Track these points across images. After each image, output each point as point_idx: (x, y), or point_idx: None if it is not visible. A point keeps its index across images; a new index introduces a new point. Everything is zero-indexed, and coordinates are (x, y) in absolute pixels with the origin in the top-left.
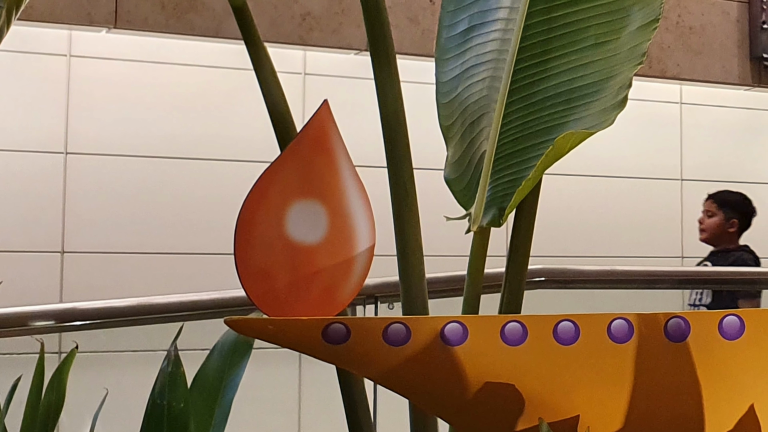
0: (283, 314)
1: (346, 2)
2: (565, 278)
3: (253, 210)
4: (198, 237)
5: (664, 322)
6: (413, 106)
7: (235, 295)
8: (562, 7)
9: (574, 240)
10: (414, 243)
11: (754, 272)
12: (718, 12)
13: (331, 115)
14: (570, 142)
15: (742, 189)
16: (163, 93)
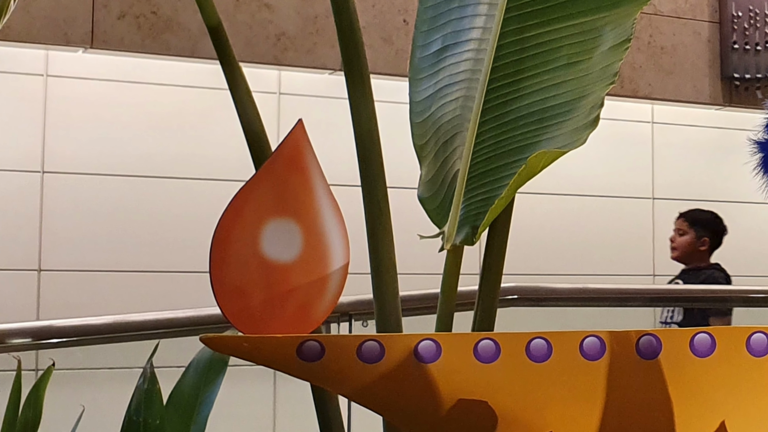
0: (258, 332)
1: (321, 23)
2: (538, 296)
3: (229, 228)
4: (173, 255)
5: (635, 339)
6: (387, 126)
7: (210, 313)
8: (535, 27)
9: (547, 258)
10: (388, 261)
11: (725, 290)
12: (689, 32)
13: (306, 134)
14: (542, 161)
15: (714, 207)
16: (139, 112)
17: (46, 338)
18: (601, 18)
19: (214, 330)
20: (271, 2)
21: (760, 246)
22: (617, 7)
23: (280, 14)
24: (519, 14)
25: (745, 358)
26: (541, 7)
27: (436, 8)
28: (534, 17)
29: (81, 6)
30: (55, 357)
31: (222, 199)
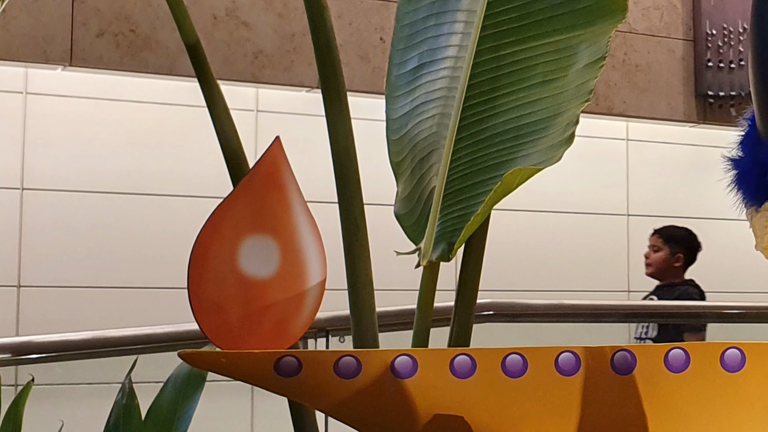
0: (235, 347)
1: (298, 40)
2: (514, 312)
3: (206, 245)
4: (152, 271)
5: (610, 355)
6: (364, 143)
7: (188, 329)
8: (510, 45)
9: (523, 274)
10: (365, 277)
11: (699, 306)
12: (663, 50)
13: (283, 151)
14: (518, 178)
15: (688, 224)
16: (117, 130)
17: (25, 354)
18: (576, 36)
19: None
20: (249, 20)
21: (734, 262)
22: (592, 25)
23: (258, 32)
24: (495, 32)
25: (719, 373)
26: (517, 26)
27: (413, 26)
28: (509, 35)
29: (60, 24)
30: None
31: (200, 215)
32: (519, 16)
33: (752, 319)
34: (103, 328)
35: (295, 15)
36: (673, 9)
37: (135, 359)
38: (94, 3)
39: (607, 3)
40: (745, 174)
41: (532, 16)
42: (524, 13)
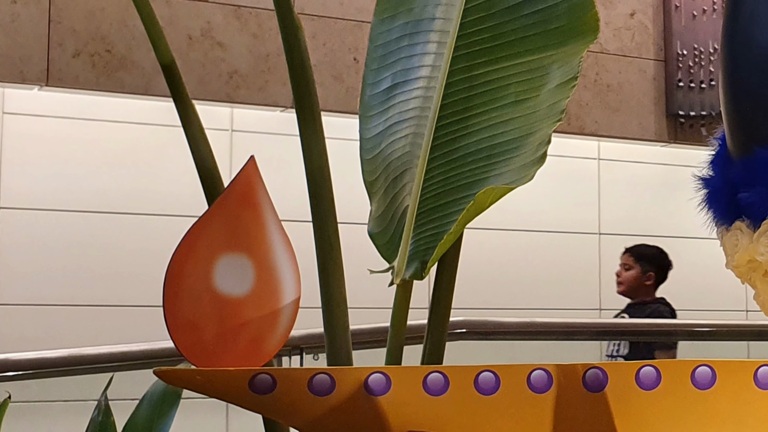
0: (210, 365)
1: (272, 61)
2: (486, 330)
3: (182, 263)
4: (128, 289)
5: (582, 372)
6: (338, 162)
7: (164, 346)
8: (483, 65)
9: (495, 292)
10: (338, 295)
11: (670, 324)
12: (635, 70)
13: (258, 170)
14: (491, 197)
15: (659, 243)
16: (93, 149)
17: (1, 371)
18: (548, 56)
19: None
20: (224, 41)
21: (704, 280)
22: (564, 45)
23: (233, 53)
24: (467, 53)
25: (690, 390)
26: (489, 46)
27: (386, 47)
28: (482, 55)
29: (36, 44)
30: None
31: (175, 234)
32: (491, 37)
33: (723, 337)
34: (80, 346)
35: (270, 35)
36: (644, 30)
37: (111, 377)
38: (70, 23)
39: (579, 24)
40: (715, 193)
41: (505, 36)
42: (496, 33)
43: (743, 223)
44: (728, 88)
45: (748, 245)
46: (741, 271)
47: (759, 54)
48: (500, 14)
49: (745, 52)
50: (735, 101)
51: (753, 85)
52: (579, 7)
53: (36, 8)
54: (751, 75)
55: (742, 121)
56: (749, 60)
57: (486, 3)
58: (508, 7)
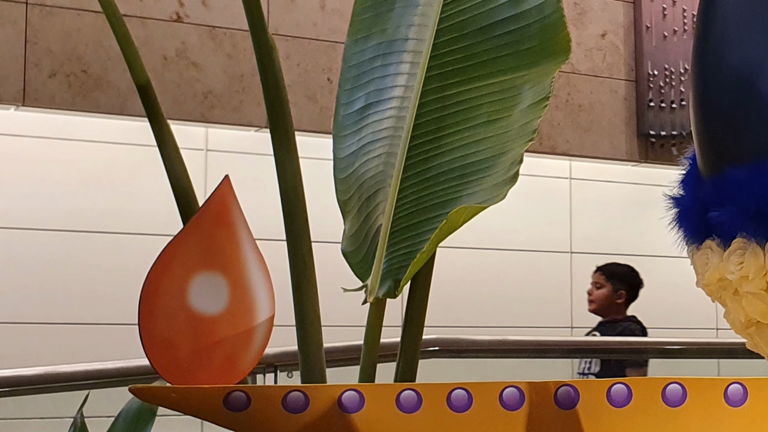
0: (185, 382)
1: (247, 81)
2: (459, 348)
3: (157, 281)
4: (103, 308)
5: (554, 390)
6: (311, 181)
7: (139, 364)
8: (456, 85)
9: (468, 310)
10: (312, 313)
11: (641, 342)
12: (606, 90)
13: (232, 189)
14: (463, 216)
15: (630, 261)
16: (69, 168)
17: None
18: (520, 77)
19: (142, 381)
20: (199, 61)
21: (675, 299)
22: (536, 66)
23: (207, 73)
24: (440, 73)
25: (660, 408)
26: (462, 66)
27: (360, 67)
28: (454, 76)
29: (13, 64)
30: None
31: (150, 253)
32: (464, 57)
33: (693, 355)
34: (56, 364)
35: (244, 56)
36: (615, 50)
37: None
38: (46, 44)
39: (551, 44)
40: (686, 212)
41: (477, 57)
42: (469, 54)
43: (714, 242)
44: (699, 108)
45: (718, 264)
46: (711, 289)
47: (729, 74)
48: (472, 35)
49: (715, 72)
50: (705, 121)
51: (723, 105)
52: (551, 28)
53: (12, 29)
54: (722, 95)
55: (712, 141)
56: (719, 80)
57: (458, 24)
58: (480, 28)
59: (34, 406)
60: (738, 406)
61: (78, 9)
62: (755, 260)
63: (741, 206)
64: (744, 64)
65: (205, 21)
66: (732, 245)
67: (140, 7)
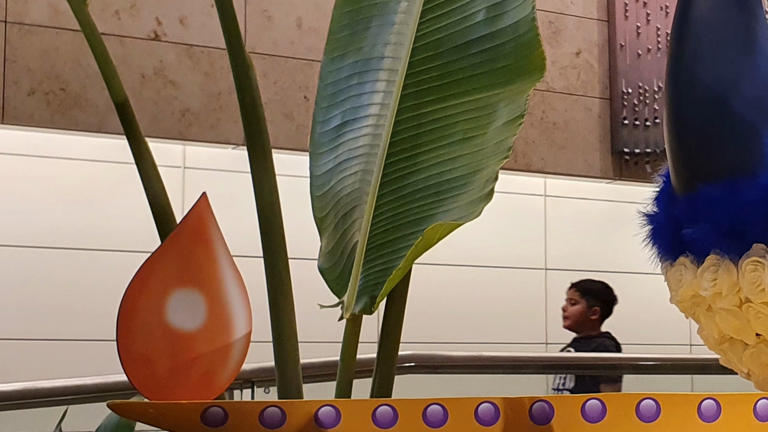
0: (163, 398)
1: (224, 99)
2: (434, 363)
3: (135, 298)
4: (82, 324)
5: (529, 405)
6: (288, 199)
7: (117, 380)
8: (431, 103)
9: (443, 327)
10: (289, 330)
11: (615, 358)
12: (580, 108)
13: (210, 207)
14: (439, 233)
15: (604, 278)
16: (48, 186)
17: None
18: (495, 95)
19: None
20: (176, 79)
21: (649, 315)
22: (511, 84)
23: (185, 91)
24: (416, 91)
25: (635, 423)
26: (437, 84)
27: (336, 85)
28: (430, 94)
29: None
30: None
31: (128, 269)
32: (440, 75)
33: (667, 371)
34: (34, 380)
35: (222, 74)
36: (589, 68)
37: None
38: (25, 62)
39: (526, 63)
40: (660, 229)
41: (453, 75)
42: (445, 72)
43: (687, 259)
44: (672, 126)
45: (691, 280)
46: (685, 305)
47: (702, 92)
48: (448, 53)
49: (689, 90)
50: (679, 139)
51: (697, 123)
52: (526, 47)
53: None
54: (695, 113)
55: (686, 159)
56: (693, 98)
57: (434, 42)
58: (455, 47)
59: (13, 421)
60: (711, 422)
61: (57, 28)
62: (728, 277)
63: (714, 223)
64: (717, 83)
65: (182, 39)
66: (705, 262)
67: (118, 26)
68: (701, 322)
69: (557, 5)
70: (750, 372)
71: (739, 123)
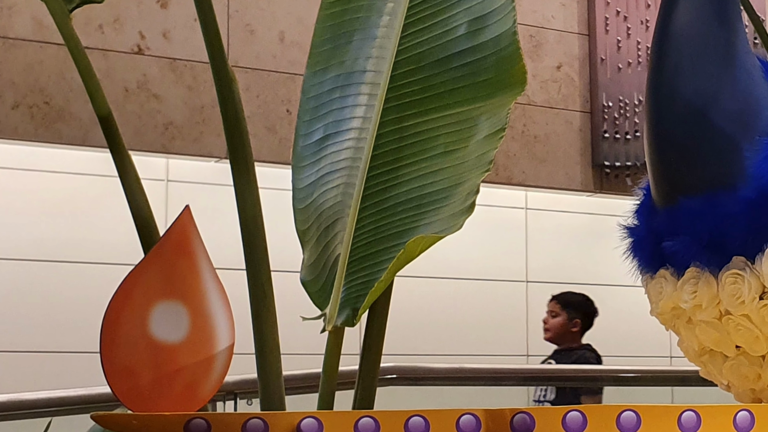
0: (146, 410)
1: (207, 112)
2: (416, 375)
3: (118, 310)
4: (66, 336)
5: (510, 417)
6: (271, 212)
7: (101, 392)
8: (413, 117)
9: (425, 339)
10: (272, 342)
11: (595, 370)
12: (561, 121)
13: (193, 220)
14: (420, 246)
15: (585, 290)
16: (32, 199)
17: None
18: (476, 108)
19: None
20: (160, 93)
21: (629, 327)
22: (492, 97)
23: (168, 104)
24: (397, 104)
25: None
26: (419, 98)
27: (318, 98)
28: (412, 107)
29: None
30: None
31: (112, 282)
32: (421, 89)
33: (647, 383)
34: (18, 392)
35: (204, 87)
36: (570, 82)
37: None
38: (9, 76)
39: (507, 76)
40: (640, 242)
41: (434, 88)
42: (426, 85)
43: (667, 271)
44: (653, 139)
45: (672, 293)
46: (665, 318)
47: (683, 106)
48: (430, 67)
49: (669, 103)
50: (659, 152)
51: (677, 136)
52: (507, 60)
53: None
54: (675, 126)
55: (666, 172)
56: (673, 112)
57: (416, 56)
58: (437, 60)
59: None
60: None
61: (40, 41)
62: (708, 289)
63: (694, 236)
64: (697, 96)
65: (165, 53)
66: (685, 274)
67: (102, 40)
68: (681, 334)
69: (538, 19)
70: (730, 384)
71: (719, 136)
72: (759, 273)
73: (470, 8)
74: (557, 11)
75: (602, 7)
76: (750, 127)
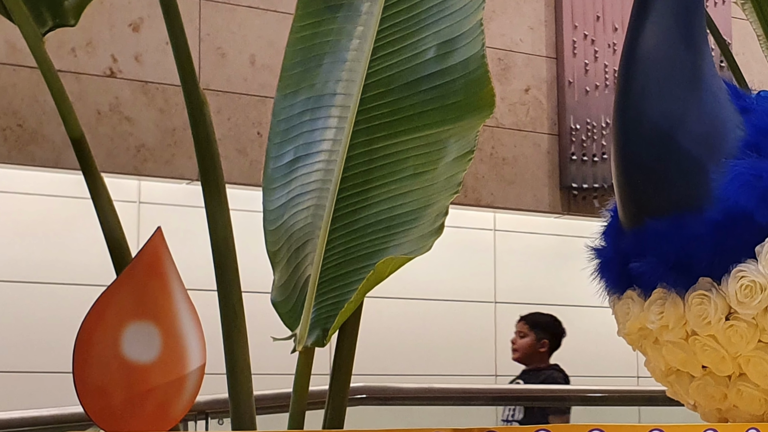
0: (119, 429)
1: (179, 135)
2: (386, 395)
3: (91, 331)
4: (38, 356)
5: None
6: (242, 233)
7: (73, 411)
8: (383, 139)
9: (394, 359)
10: (243, 362)
11: (563, 390)
12: (529, 144)
13: (164, 241)
14: (390, 267)
15: (553, 311)
16: (5, 220)
17: None
18: (445, 130)
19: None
20: (132, 115)
21: (596, 347)
22: (461, 120)
23: (140, 127)
24: (367, 127)
25: None
26: (389, 120)
27: (289, 121)
28: (381, 130)
29: None
30: None
31: (84, 303)
32: (391, 111)
33: (615, 402)
34: None
35: (176, 110)
36: (538, 105)
37: None
38: None
39: (476, 99)
40: (607, 263)
41: (404, 111)
42: (396, 108)
43: (634, 292)
44: (620, 162)
45: (639, 313)
46: (632, 338)
47: (650, 128)
48: (399, 90)
49: (636, 126)
50: (626, 174)
51: (644, 158)
52: (475, 83)
53: None
54: (642, 149)
55: (633, 194)
56: (640, 134)
57: (385, 79)
58: (406, 83)
59: None
60: None
61: (14, 65)
62: (675, 310)
63: (661, 257)
64: (664, 119)
65: (137, 76)
66: (652, 295)
67: (74, 63)
68: (648, 354)
69: (506, 43)
70: (696, 404)
71: (685, 158)
72: (725, 294)
73: (439, 32)
74: (525, 35)
75: (570, 31)
76: (716, 149)
